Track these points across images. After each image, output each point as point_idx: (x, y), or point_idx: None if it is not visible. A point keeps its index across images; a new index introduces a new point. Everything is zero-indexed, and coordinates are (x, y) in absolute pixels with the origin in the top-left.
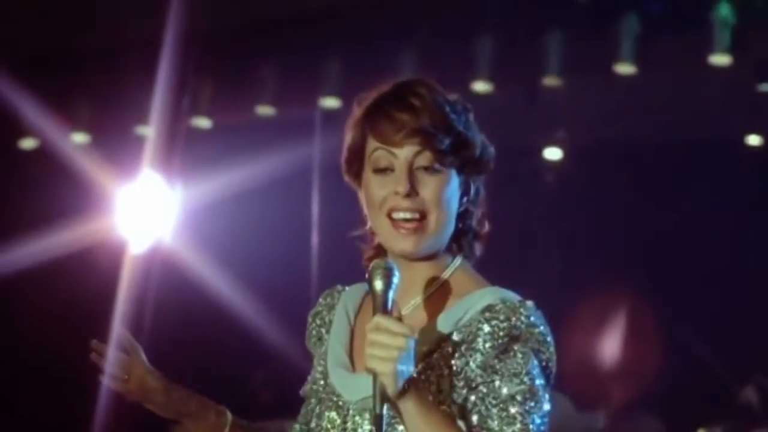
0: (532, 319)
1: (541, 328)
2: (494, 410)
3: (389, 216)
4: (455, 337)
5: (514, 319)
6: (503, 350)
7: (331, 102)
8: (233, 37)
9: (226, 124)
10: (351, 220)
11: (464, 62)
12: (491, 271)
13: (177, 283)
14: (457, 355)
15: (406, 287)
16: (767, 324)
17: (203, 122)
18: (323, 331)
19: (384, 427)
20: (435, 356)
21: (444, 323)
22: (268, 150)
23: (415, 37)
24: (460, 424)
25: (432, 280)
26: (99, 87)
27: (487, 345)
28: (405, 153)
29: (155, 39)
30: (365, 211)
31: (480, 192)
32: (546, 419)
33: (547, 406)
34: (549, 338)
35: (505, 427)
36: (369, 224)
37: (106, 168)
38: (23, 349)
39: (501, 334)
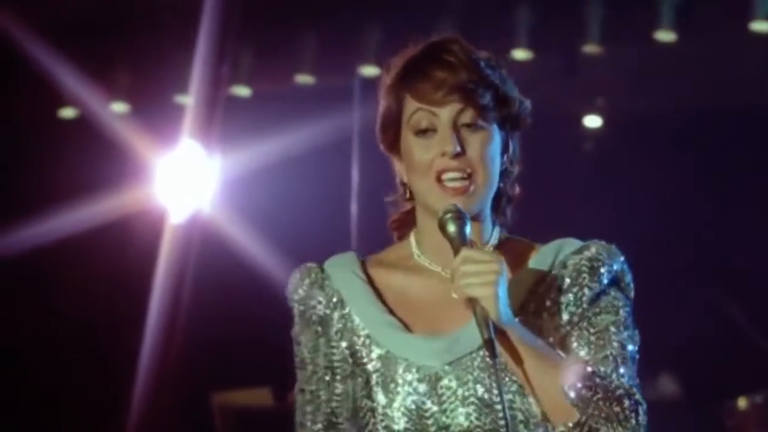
0: (624, 266)
1: (629, 275)
2: (593, 337)
3: (438, 179)
4: (553, 276)
5: (612, 260)
6: (603, 290)
7: (370, 70)
8: (272, 5)
9: (266, 93)
10: (390, 188)
11: (503, 29)
12: (529, 237)
13: (216, 253)
14: (560, 292)
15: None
16: None
17: (243, 91)
18: (327, 312)
19: (497, 351)
20: (536, 297)
21: (537, 265)
22: (308, 118)
23: (453, 4)
24: (561, 353)
25: (483, 245)
26: (139, 56)
27: (592, 280)
28: (447, 112)
29: (195, 7)
30: (402, 178)
31: (517, 151)
32: (638, 348)
33: (637, 337)
34: (632, 286)
35: (603, 351)
36: (405, 190)
37: (145, 137)
38: (64, 318)
39: (603, 271)
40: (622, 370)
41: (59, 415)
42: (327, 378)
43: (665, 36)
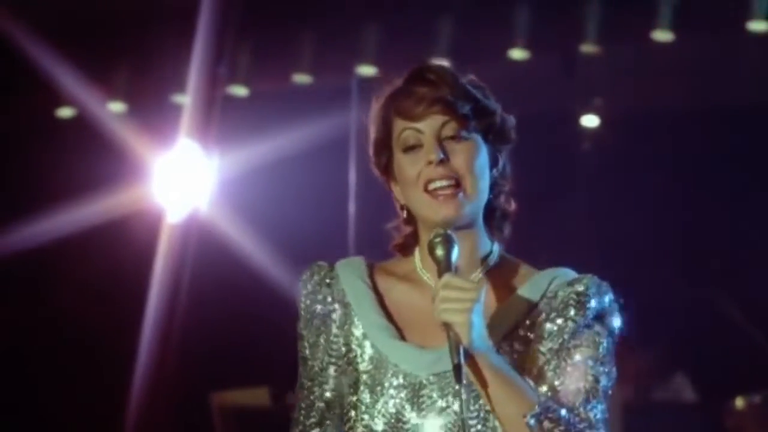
0: (613, 303)
1: (617, 312)
2: (569, 368)
3: (426, 189)
4: (543, 305)
5: (601, 296)
6: (587, 324)
7: (367, 70)
8: (270, 5)
9: (263, 92)
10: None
11: (501, 29)
12: (527, 239)
13: (214, 252)
14: (546, 321)
15: (459, 264)
16: None
17: (240, 90)
18: (329, 309)
19: (463, 377)
20: (525, 324)
21: (529, 293)
22: (305, 118)
23: (452, 4)
24: (531, 382)
25: (481, 261)
26: (136, 55)
27: (578, 314)
28: (430, 125)
29: (192, 7)
30: (400, 200)
31: (507, 166)
32: (612, 384)
33: (615, 374)
34: (619, 323)
35: (576, 383)
36: (404, 212)
37: (143, 137)
38: (61, 317)
39: (590, 306)
40: (591, 404)
41: (57, 415)
42: (323, 374)
43: (663, 36)
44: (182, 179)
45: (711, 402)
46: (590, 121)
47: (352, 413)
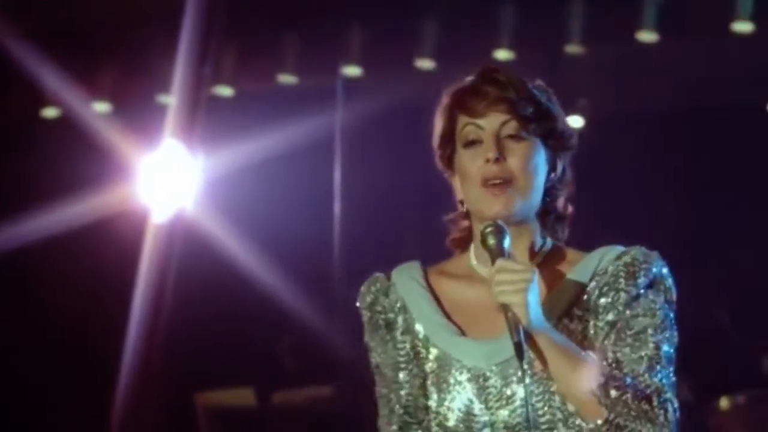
0: (664, 270)
1: (670, 279)
2: (629, 339)
3: (482, 185)
4: (594, 282)
5: (650, 265)
6: (640, 293)
7: (352, 70)
8: (255, 5)
9: (248, 93)
10: (372, 187)
11: (486, 29)
12: None
13: (199, 252)
14: (599, 296)
15: (512, 253)
16: None
17: (225, 91)
18: (391, 317)
19: (525, 354)
20: (579, 303)
21: (578, 275)
22: (290, 118)
23: (436, 5)
24: (593, 355)
25: (533, 255)
26: (121, 56)
27: (629, 284)
28: (491, 123)
29: (177, 7)
30: (459, 195)
31: (566, 172)
32: (674, 349)
33: (675, 338)
34: (674, 290)
35: (638, 352)
36: (462, 207)
37: (128, 137)
38: (46, 317)
39: (640, 275)
40: (655, 370)
41: (43, 415)
42: (396, 380)
43: (647, 36)
44: (167, 179)
45: (696, 402)
46: (575, 122)
47: (424, 414)
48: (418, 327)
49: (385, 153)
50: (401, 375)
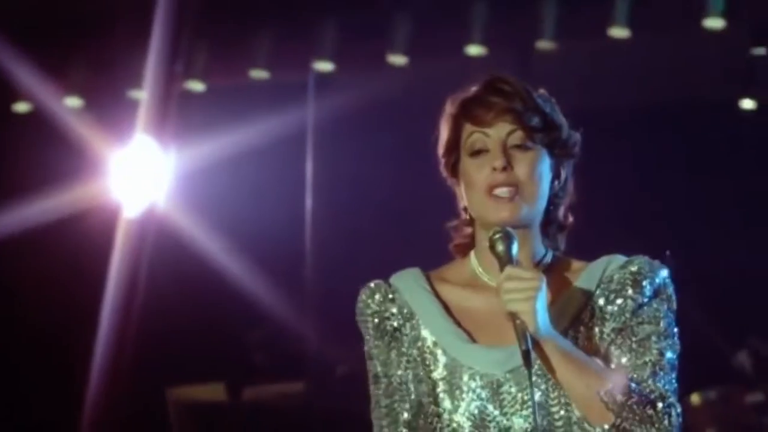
0: (667, 280)
1: (672, 288)
2: (634, 345)
3: (489, 193)
4: (600, 290)
5: (655, 274)
6: (645, 301)
7: (325, 65)
8: (227, 1)
9: (220, 88)
10: (344, 183)
11: (458, 25)
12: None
13: (171, 247)
14: (606, 303)
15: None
16: (761, 286)
17: (197, 86)
18: (398, 323)
19: (532, 362)
20: (586, 312)
21: (585, 282)
22: (262, 114)
23: (409, 1)
24: (599, 361)
25: (536, 264)
26: (93, 51)
27: (636, 292)
28: (498, 132)
29: (149, 2)
30: (462, 202)
31: (569, 180)
32: (677, 356)
33: (678, 346)
34: (675, 299)
35: (642, 358)
36: (466, 214)
37: (99, 132)
38: (18, 313)
39: (646, 284)
40: (659, 376)
41: (13, 410)
42: (402, 388)
43: (619, 32)
44: (139, 174)
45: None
46: None
47: (437, 423)
48: (426, 333)
49: (357, 148)
50: (409, 383)
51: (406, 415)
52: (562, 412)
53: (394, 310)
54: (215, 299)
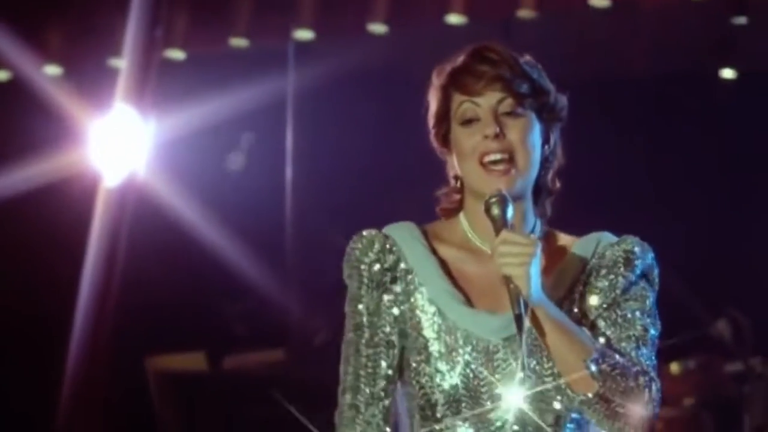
0: (654, 262)
1: (657, 270)
2: (620, 320)
3: (481, 162)
4: (593, 264)
5: (645, 256)
6: (634, 280)
7: (304, 34)
8: None
9: (200, 56)
10: (324, 151)
11: None
12: None
13: (151, 216)
14: (597, 278)
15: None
16: (740, 257)
17: (177, 54)
18: (394, 275)
19: (525, 325)
20: (578, 284)
21: (578, 256)
22: (242, 82)
23: None
24: (587, 332)
25: (529, 232)
26: (72, 18)
27: (627, 270)
28: (488, 101)
29: None
30: (455, 170)
31: (557, 143)
32: (658, 334)
33: (659, 325)
34: (658, 281)
35: (627, 332)
36: (457, 182)
37: (79, 100)
38: None
39: (637, 264)
40: (642, 351)
41: None
42: (388, 341)
43: (599, 2)
44: (119, 143)
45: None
46: None
47: (427, 382)
48: (423, 289)
49: (337, 117)
50: (394, 337)
51: (386, 368)
52: (551, 381)
53: (392, 263)
54: (195, 268)
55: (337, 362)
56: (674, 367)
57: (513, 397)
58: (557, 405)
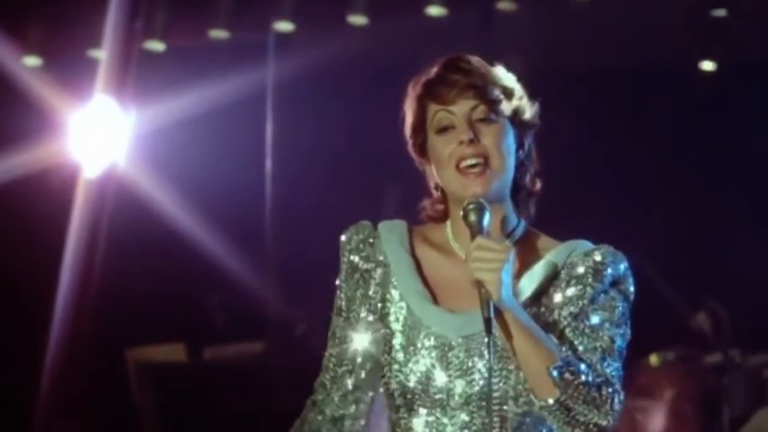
0: (627, 271)
1: (631, 279)
2: (587, 330)
3: (457, 167)
4: (563, 273)
5: (616, 265)
6: (604, 290)
7: (284, 26)
8: None
9: (180, 48)
10: (304, 143)
11: None
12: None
13: (131, 208)
14: (566, 287)
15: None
16: (720, 248)
17: (157, 45)
18: (371, 266)
19: (493, 330)
20: (547, 291)
21: (549, 263)
22: (222, 74)
23: None
24: (554, 338)
25: (508, 234)
26: (52, 9)
27: (596, 281)
28: (462, 108)
29: None
30: (435, 179)
31: (532, 148)
32: (626, 344)
33: (628, 335)
34: (633, 290)
35: (593, 343)
36: (438, 191)
37: (59, 91)
38: None
39: (607, 273)
40: (607, 362)
41: None
42: (359, 326)
43: None
44: (99, 134)
45: (625, 359)
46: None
47: (387, 371)
48: (395, 285)
49: (316, 109)
50: (365, 323)
51: (354, 354)
52: (501, 384)
53: (371, 255)
54: (175, 259)
55: (318, 353)
56: (654, 359)
57: (465, 395)
58: (507, 407)
